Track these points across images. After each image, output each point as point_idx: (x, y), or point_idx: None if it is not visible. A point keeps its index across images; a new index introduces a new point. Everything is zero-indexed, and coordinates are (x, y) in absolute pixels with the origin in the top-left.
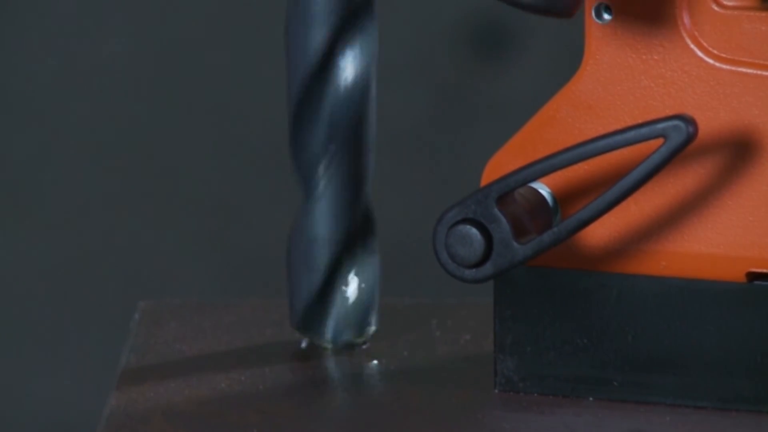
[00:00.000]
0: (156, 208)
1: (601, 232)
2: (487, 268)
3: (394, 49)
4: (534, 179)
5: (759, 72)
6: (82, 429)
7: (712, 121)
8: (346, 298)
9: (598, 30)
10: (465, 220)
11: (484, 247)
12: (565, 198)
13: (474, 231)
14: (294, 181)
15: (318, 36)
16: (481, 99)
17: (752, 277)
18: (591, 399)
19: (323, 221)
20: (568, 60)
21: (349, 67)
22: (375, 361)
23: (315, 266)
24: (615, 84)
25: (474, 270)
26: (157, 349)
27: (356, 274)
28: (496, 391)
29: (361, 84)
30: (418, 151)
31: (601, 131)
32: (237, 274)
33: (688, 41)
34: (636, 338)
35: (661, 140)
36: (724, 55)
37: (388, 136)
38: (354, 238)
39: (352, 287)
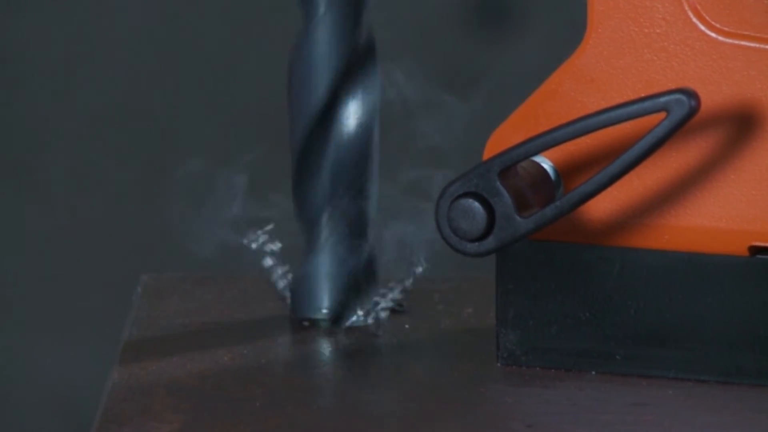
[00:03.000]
0: (159, 181)
1: (603, 206)
2: (490, 242)
3: (395, 24)
4: (536, 153)
5: (762, 46)
6: (85, 403)
7: (714, 94)
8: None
9: (601, 3)
10: (467, 194)
11: (486, 220)
12: (567, 172)
13: (476, 205)
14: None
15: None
16: (483, 72)
17: (755, 250)
18: (593, 373)
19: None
20: (571, 34)
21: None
22: (377, 335)
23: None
24: (617, 57)
25: (476, 244)
26: (160, 323)
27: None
28: (499, 364)
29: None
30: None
31: (604, 105)
32: (240, 247)
33: (691, 15)
34: (638, 312)
35: (663, 114)
36: (726, 29)
37: (390, 111)
38: (357, 284)
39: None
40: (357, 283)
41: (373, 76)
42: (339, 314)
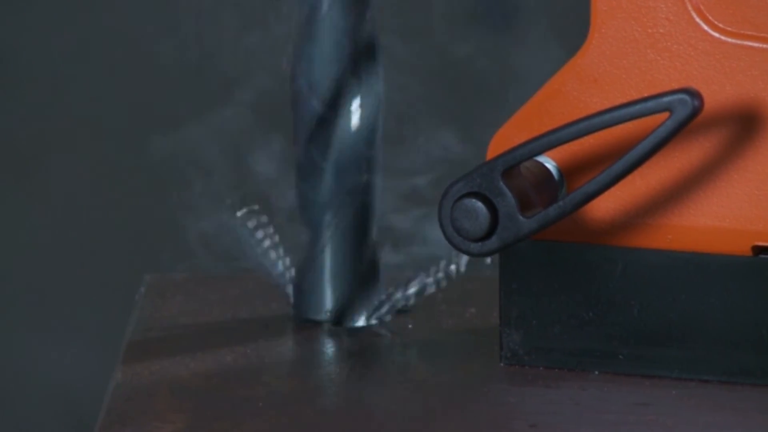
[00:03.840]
0: (163, 181)
1: (606, 206)
2: (493, 242)
3: (397, 21)
4: (539, 153)
5: (764, 46)
6: (88, 402)
7: (717, 94)
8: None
9: (604, 3)
10: (470, 194)
11: (489, 220)
12: (570, 171)
13: (479, 205)
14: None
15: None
16: (486, 72)
17: (758, 250)
18: (596, 372)
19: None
20: (574, 34)
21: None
22: (380, 335)
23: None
24: (621, 57)
25: (479, 244)
26: (163, 323)
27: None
28: (502, 364)
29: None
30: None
31: (607, 105)
32: (239, 249)
33: (694, 14)
34: (641, 312)
35: (666, 114)
36: (729, 29)
37: (393, 109)
38: (361, 282)
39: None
40: (360, 282)
41: (376, 76)
42: (342, 313)
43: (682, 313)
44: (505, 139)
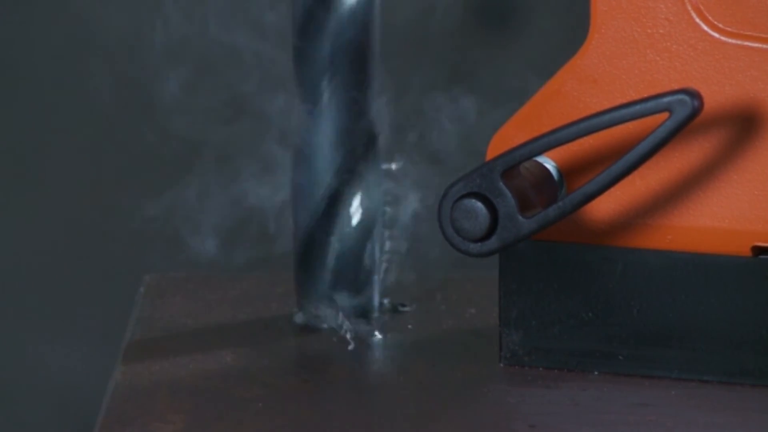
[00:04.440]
0: (162, 180)
1: (606, 206)
2: (493, 242)
3: (397, 21)
4: (539, 153)
5: (764, 46)
6: (88, 403)
7: (717, 95)
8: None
9: (604, 4)
10: (470, 194)
11: (489, 221)
12: (570, 172)
13: (479, 205)
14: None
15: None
16: (485, 72)
17: (757, 251)
18: (596, 373)
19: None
20: (574, 34)
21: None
22: (380, 335)
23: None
24: (620, 58)
25: (479, 244)
26: (163, 323)
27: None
28: (501, 364)
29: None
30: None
31: (607, 105)
32: (242, 248)
33: (694, 15)
34: (641, 312)
35: (666, 114)
36: (729, 29)
37: (392, 110)
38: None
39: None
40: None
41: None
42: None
43: (682, 313)
44: (504, 139)
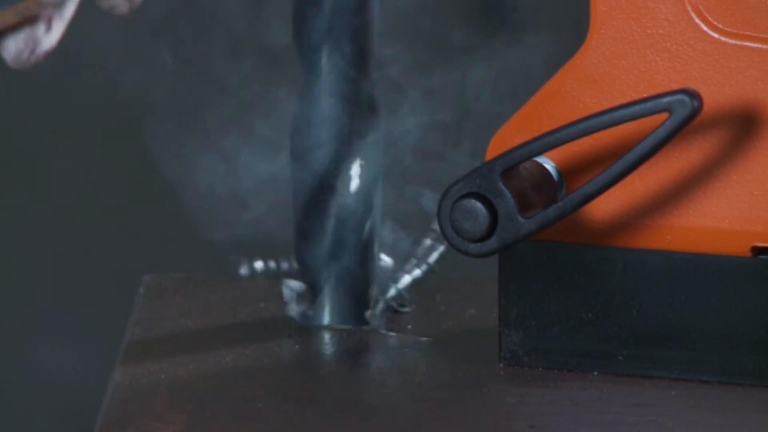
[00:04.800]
0: (162, 182)
1: (605, 207)
2: (492, 243)
3: (394, 22)
4: (539, 153)
5: (764, 46)
6: (88, 403)
7: (716, 95)
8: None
9: (604, 4)
10: (470, 195)
11: (489, 221)
12: (570, 172)
13: (479, 205)
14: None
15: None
16: (485, 73)
17: (757, 251)
18: (596, 373)
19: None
20: (573, 34)
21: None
22: (379, 335)
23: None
24: (620, 58)
25: (479, 244)
26: (162, 324)
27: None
28: (501, 365)
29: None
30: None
31: (606, 105)
32: (241, 249)
33: (693, 15)
34: (641, 312)
35: (666, 114)
36: (729, 29)
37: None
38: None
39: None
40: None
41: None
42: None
43: (682, 313)
44: (504, 139)
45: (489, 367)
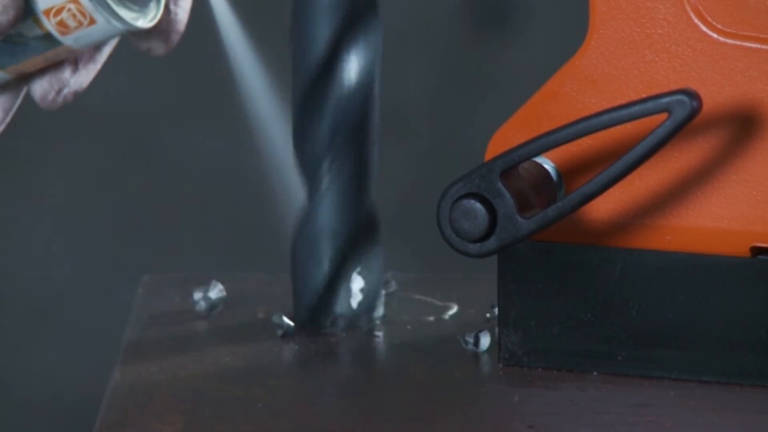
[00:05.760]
0: (162, 183)
1: (605, 207)
2: (491, 243)
3: (397, 23)
4: (538, 154)
5: (763, 46)
6: (87, 403)
7: (716, 95)
8: (351, 297)
9: (603, 4)
10: (469, 195)
11: (488, 221)
12: (569, 172)
13: (478, 205)
14: (299, 177)
15: (323, 34)
16: (484, 73)
17: (756, 251)
18: (595, 373)
19: (328, 217)
20: (573, 34)
21: (353, 65)
22: (379, 336)
23: (321, 261)
24: (619, 58)
25: (478, 244)
26: (162, 324)
27: (361, 272)
28: (500, 365)
29: (365, 81)
30: (423, 126)
31: (605, 106)
32: (241, 248)
33: (693, 15)
34: (640, 313)
35: (665, 115)
36: (728, 30)
37: (392, 111)
38: (359, 234)
39: (356, 286)
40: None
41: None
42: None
43: (681, 314)
44: (503, 139)
45: (488, 368)
